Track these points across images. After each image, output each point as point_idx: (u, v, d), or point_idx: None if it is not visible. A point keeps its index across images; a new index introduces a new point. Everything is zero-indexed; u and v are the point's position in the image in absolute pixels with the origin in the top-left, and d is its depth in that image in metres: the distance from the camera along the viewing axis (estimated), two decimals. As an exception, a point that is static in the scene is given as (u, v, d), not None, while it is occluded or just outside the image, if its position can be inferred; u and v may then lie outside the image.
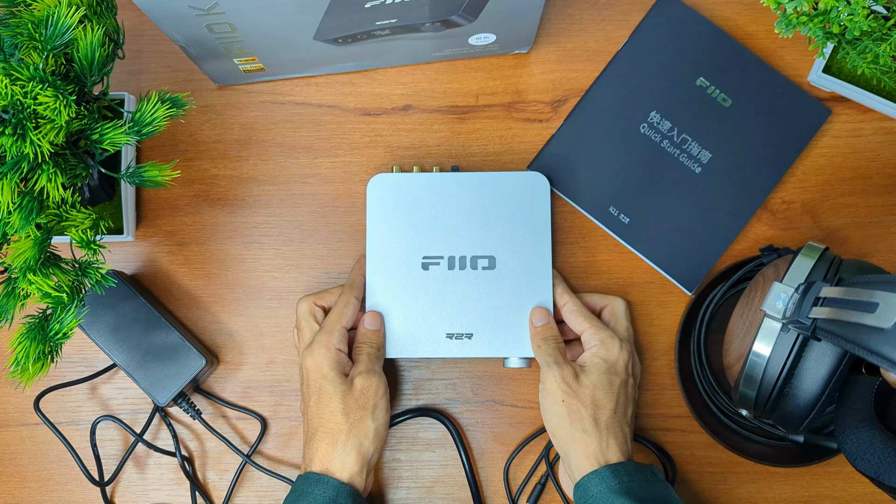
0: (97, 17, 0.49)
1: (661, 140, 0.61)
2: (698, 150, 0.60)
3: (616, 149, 0.62)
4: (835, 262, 0.48)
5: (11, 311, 0.47)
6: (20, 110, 0.42)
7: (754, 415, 0.50)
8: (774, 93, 0.61)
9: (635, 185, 0.61)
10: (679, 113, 0.61)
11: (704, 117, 0.61)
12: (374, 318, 0.58)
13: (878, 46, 0.50)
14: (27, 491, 0.62)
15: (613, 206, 0.61)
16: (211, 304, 0.63)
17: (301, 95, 0.64)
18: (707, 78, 0.61)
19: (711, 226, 0.60)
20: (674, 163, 0.61)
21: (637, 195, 0.61)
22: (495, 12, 0.54)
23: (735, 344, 0.51)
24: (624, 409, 0.54)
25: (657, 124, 0.61)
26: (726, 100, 0.61)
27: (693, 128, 0.61)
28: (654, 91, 0.62)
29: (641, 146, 0.61)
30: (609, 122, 0.62)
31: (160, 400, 0.59)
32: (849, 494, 0.60)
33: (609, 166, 0.62)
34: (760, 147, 0.60)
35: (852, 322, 0.38)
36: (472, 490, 0.61)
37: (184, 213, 0.63)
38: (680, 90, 0.61)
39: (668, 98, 0.61)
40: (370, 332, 0.57)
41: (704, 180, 0.60)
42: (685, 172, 0.61)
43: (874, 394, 0.46)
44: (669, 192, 0.61)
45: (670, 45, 0.62)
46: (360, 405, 0.53)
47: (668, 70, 0.62)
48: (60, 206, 0.49)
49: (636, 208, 0.61)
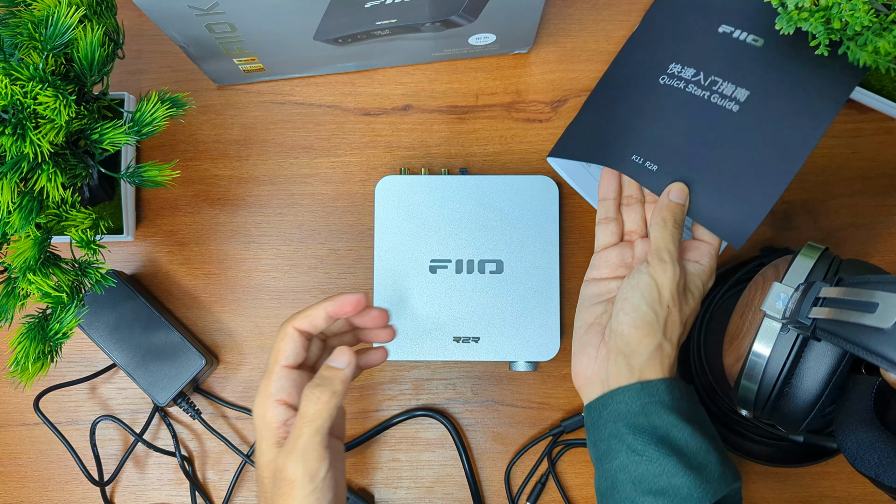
0: (97, 17, 0.49)
1: (685, 86, 0.54)
2: (732, 88, 0.53)
3: (632, 105, 0.57)
4: (835, 262, 0.48)
5: (11, 311, 0.47)
6: (20, 110, 0.42)
7: (754, 415, 0.50)
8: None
9: (660, 132, 0.54)
10: (703, 59, 0.55)
11: (734, 59, 0.54)
12: (341, 355, 0.44)
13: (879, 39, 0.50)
14: (27, 491, 0.62)
15: (636, 155, 0.54)
16: (211, 304, 0.63)
17: (301, 95, 0.64)
18: (731, 24, 0.55)
19: (759, 168, 0.51)
20: (704, 104, 0.53)
21: (664, 142, 0.54)
22: (495, 12, 0.54)
23: (735, 344, 0.51)
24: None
25: (679, 73, 0.55)
26: (757, 40, 0.54)
27: (722, 70, 0.54)
28: (669, 47, 0.57)
29: (662, 96, 0.55)
30: (622, 87, 0.58)
31: (160, 400, 0.59)
32: (849, 494, 0.60)
33: (625, 122, 0.56)
34: (810, 76, 0.52)
35: (852, 322, 0.38)
36: (472, 490, 0.61)
37: (183, 213, 0.63)
38: (701, 39, 0.56)
39: (687, 49, 0.56)
40: (327, 370, 0.43)
41: (745, 118, 0.52)
42: (719, 112, 0.53)
43: (874, 394, 0.46)
44: (704, 135, 0.53)
45: (685, 5, 0.58)
46: (277, 496, 0.42)
47: (684, 26, 0.57)
48: (60, 206, 0.49)
49: (664, 155, 0.53)
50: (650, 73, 0.57)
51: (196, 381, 0.61)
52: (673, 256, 0.48)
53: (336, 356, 0.44)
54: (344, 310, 0.45)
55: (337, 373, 0.43)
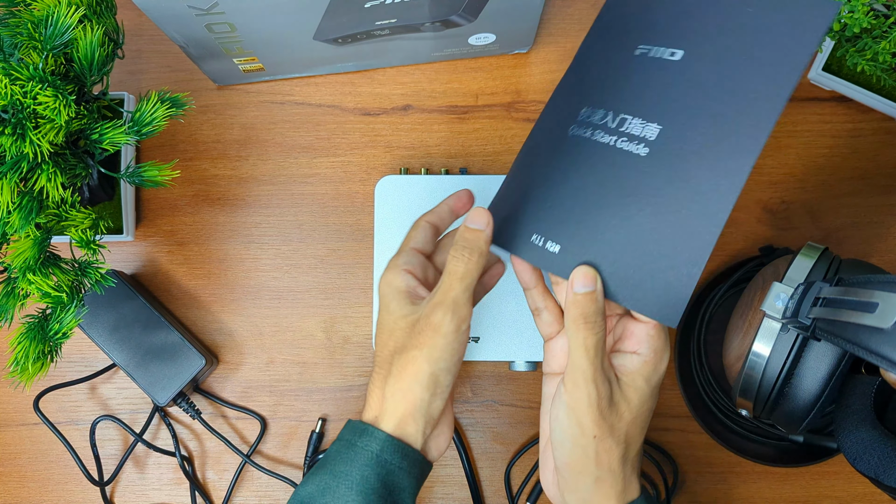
0: (97, 17, 0.49)
1: (592, 133, 0.44)
2: (641, 126, 0.42)
3: (538, 168, 0.46)
4: (834, 262, 0.48)
5: (11, 311, 0.47)
6: (20, 110, 0.42)
7: (754, 415, 0.50)
8: (744, 10, 0.42)
9: (562, 199, 0.44)
10: (613, 95, 0.45)
11: (646, 86, 0.44)
12: (478, 216, 0.44)
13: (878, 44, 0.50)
14: (27, 491, 0.62)
15: (536, 234, 0.44)
16: (210, 304, 0.63)
17: (301, 95, 0.64)
18: (648, 41, 0.45)
19: (677, 225, 0.40)
20: (610, 154, 0.43)
21: (566, 212, 0.44)
22: (495, 12, 0.54)
23: (735, 344, 0.51)
24: (645, 432, 0.45)
25: (588, 118, 0.45)
26: (674, 53, 0.43)
27: (631, 104, 0.44)
28: (586, 88, 0.47)
29: (568, 152, 0.45)
30: (535, 146, 0.48)
31: (160, 400, 0.59)
32: (849, 494, 0.60)
33: (528, 192, 0.46)
34: (743, 85, 0.41)
35: (852, 322, 0.38)
36: (472, 490, 0.61)
37: (183, 212, 0.63)
38: (616, 71, 0.46)
39: (601, 86, 0.46)
40: (469, 232, 0.43)
41: (655, 163, 0.41)
42: (626, 160, 0.42)
43: (874, 394, 0.46)
44: (609, 194, 0.42)
45: (611, 32, 0.48)
46: (415, 341, 0.42)
47: (605, 59, 0.47)
48: (60, 206, 0.48)
49: (567, 230, 0.43)
50: (561, 125, 0.46)
51: (196, 381, 0.61)
52: (587, 375, 0.40)
53: (474, 217, 0.44)
54: (461, 202, 0.49)
55: (478, 234, 0.44)
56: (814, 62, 0.61)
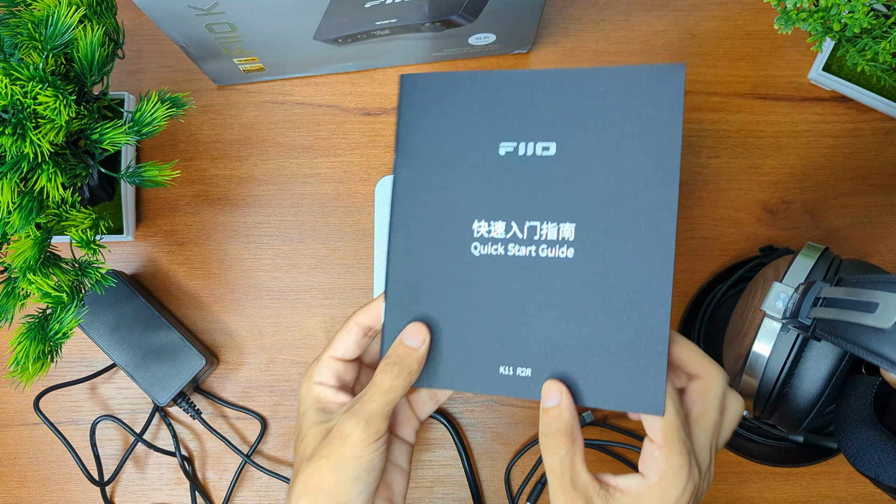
0: (97, 17, 0.49)
1: (504, 249, 0.41)
2: (555, 229, 0.41)
3: (467, 296, 0.42)
4: (835, 262, 0.48)
5: (11, 311, 0.47)
6: (20, 110, 0.42)
7: (754, 415, 0.50)
8: (597, 91, 0.41)
9: (512, 323, 0.42)
10: (505, 204, 0.42)
11: (536, 185, 0.42)
12: (416, 332, 0.41)
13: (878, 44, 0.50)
14: (27, 491, 0.62)
15: (503, 365, 0.42)
16: (211, 304, 0.63)
17: (301, 95, 0.64)
18: (508, 137, 0.42)
19: (631, 304, 0.40)
20: (537, 266, 0.41)
21: (522, 334, 0.42)
22: (495, 12, 0.54)
23: (735, 344, 0.51)
24: None
25: (489, 233, 0.42)
26: (547, 147, 0.41)
27: (531, 208, 0.42)
28: (459, 198, 0.42)
29: (489, 275, 0.42)
30: (434, 272, 0.43)
31: (160, 400, 0.59)
32: (849, 494, 0.60)
33: (473, 325, 0.42)
34: (629, 162, 0.40)
35: (852, 322, 0.38)
36: (472, 490, 0.61)
37: (184, 213, 0.63)
38: (487, 173, 0.42)
39: (481, 195, 0.42)
40: (402, 349, 0.41)
41: (586, 259, 0.41)
42: (557, 268, 0.41)
43: (874, 394, 0.46)
44: (558, 306, 0.41)
45: (442, 125, 0.43)
46: (324, 450, 0.40)
47: (457, 160, 0.43)
48: (60, 206, 0.49)
49: (531, 350, 0.42)
50: (455, 246, 0.42)
51: (196, 381, 0.61)
52: (556, 498, 0.38)
53: (411, 333, 0.41)
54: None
55: (412, 352, 0.41)
56: (814, 63, 0.61)
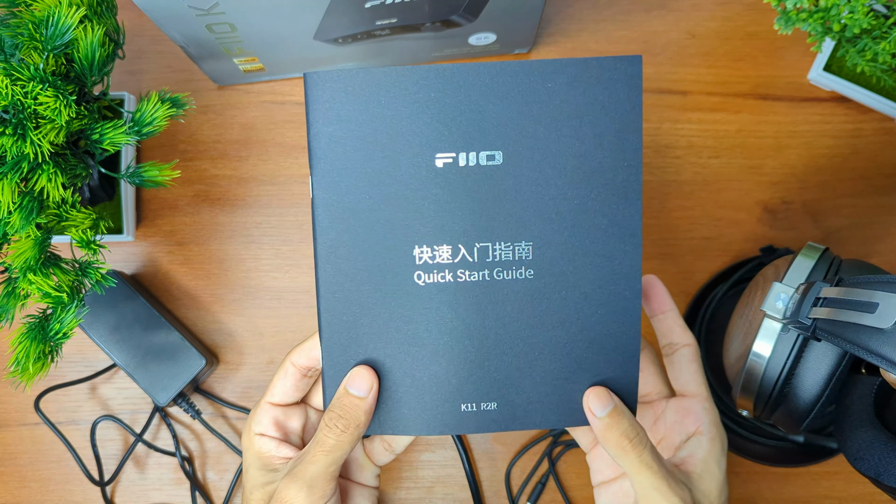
0: (97, 17, 0.49)
1: (453, 276, 0.38)
2: (508, 249, 0.38)
3: (418, 334, 0.39)
4: (835, 262, 0.48)
5: (12, 311, 0.47)
6: (20, 110, 0.42)
7: (754, 415, 0.50)
8: (545, 88, 0.37)
9: (472, 357, 0.39)
10: (448, 225, 0.38)
11: (482, 201, 0.38)
12: (361, 380, 0.38)
13: (878, 45, 0.50)
14: (27, 491, 0.62)
15: (465, 403, 0.39)
16: (211, 304, 0.63)
17: (301, 95, 0.64)
18: (447, 149, 0.38)
19: (601, 318, 0.39)
20: (493, 291, 0.38)
21: (485, 367, 0.39)
22: (495, 12, 0.54)
23: (735, 344, 0.51)
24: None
25: (432, 259, 0.38)
26: (492, 156, 0.38)
27: (480, 228, 0.38)
28: (391, 221, 0.38)
29: (439, 305, 0.39)
30: (376, 311, 0.39)
31: (160, 400, 0.59)
32: (849, 494, 0.60)
33: (424, 364, 0.39)
34: (585, 166, 0.38)
35: (852, 322, 0.38)
36: (472, 490, 0.61)
37: (184, 213, 0.63)
38: (426, 193, 0.38)
39: (418, 216, 0.38)
40: (347, 398, 0.38)
41: (547, 279, 0.38)
42: (516, 290, 0.38)
43: (874, 394, 0.46)
44: (522, 332, 0.39)
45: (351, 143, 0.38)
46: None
47: (385, 179, 0.38)
48: (60, 206, 0.49)
49: (496, 383, 0.39)
50: (395, 276, 0.39)
51: (196, 381, 0.61)
52: (662, 492, 0.37)
53: (355, 381, 0.38)
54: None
55: (358, 403, 0.38)
56: (814, 63, 0.61)
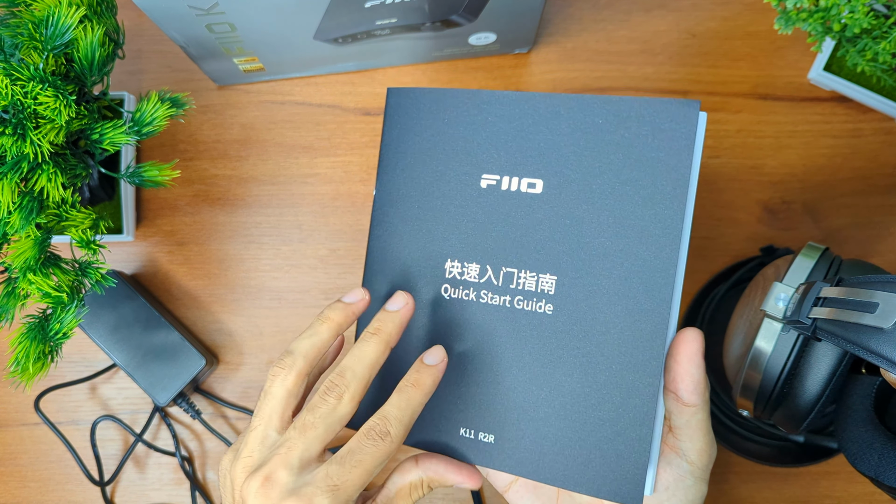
0: (97, 17, 0.49)
1: (476, 295, 0.38)
2: (534, 279, 0.37)
3: (431, 344, 0.39)
4: (835, 262, 0.48)
5: (11, 311, 0.47)
6: (20, 110, 0.42)
7: (755, 415, 0.50)
8: (594, 124, 0.37)
9: (476, 382, 0.38)
10: (481, 245, 0.38)
11: (516, 227, 0.37)
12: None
13: (878, 44, 0.50)
14: (27, 491, 0.62)
15: (464, 428, 0.39)
16: (211, 304, 0.63)
17: (301, 95, 0.64)
18: (491, 170, 0.38)
19: (614, 377, 0.36)
20: (510, 318, 0.37)
21: (488, 396, 0.38)
22: (495, 12, 0.54)
23: (735, 344, 0.51)
24: None
25: (461, 275, 0.38)
26: (533, 184, 0.37)
27: (511, 253, 0.38)
28: (433, 232, 0.39)
29: (458, 322, 0.38)
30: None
31: (160, 400, 0.59)
32: (849, 494, 0.60)
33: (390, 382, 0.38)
34: (624, 211, 0.36)
35: (852, 322, 0.38)
36: (473, 490, 0.61)
37: (183, 213, 0.63)
38: (468, 210, 0.38)
39: (457, 231, 0.38)
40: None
41: (565, 319, 0.37)
42: (532, 322, 0.37)
43: (874, 394, 0.46)
44: (529, 367, 0.37)
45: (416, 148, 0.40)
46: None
47: (435, 188, 0.39)
48: (60, 206, 0.48)
49: (496, 415, 0.38)
50: (427, 284, 0.39)
51: (196, 381, 0.61)
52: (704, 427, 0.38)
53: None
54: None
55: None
56: (814, 63, 0.61)
